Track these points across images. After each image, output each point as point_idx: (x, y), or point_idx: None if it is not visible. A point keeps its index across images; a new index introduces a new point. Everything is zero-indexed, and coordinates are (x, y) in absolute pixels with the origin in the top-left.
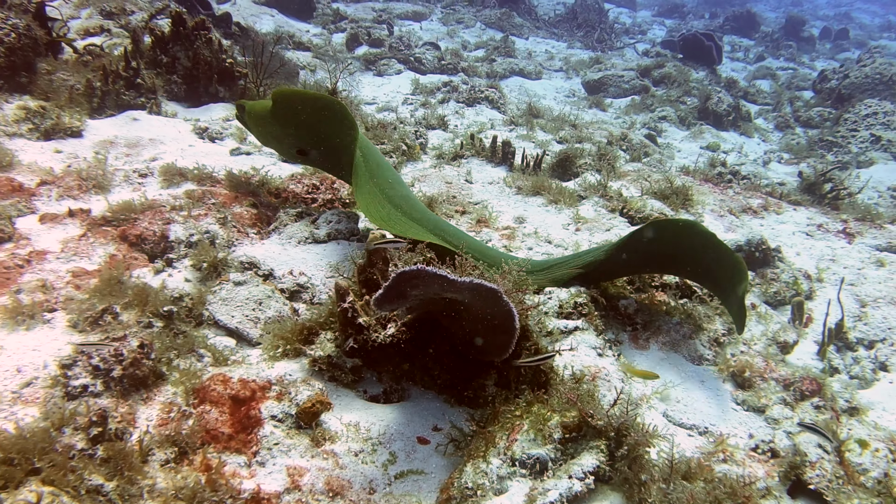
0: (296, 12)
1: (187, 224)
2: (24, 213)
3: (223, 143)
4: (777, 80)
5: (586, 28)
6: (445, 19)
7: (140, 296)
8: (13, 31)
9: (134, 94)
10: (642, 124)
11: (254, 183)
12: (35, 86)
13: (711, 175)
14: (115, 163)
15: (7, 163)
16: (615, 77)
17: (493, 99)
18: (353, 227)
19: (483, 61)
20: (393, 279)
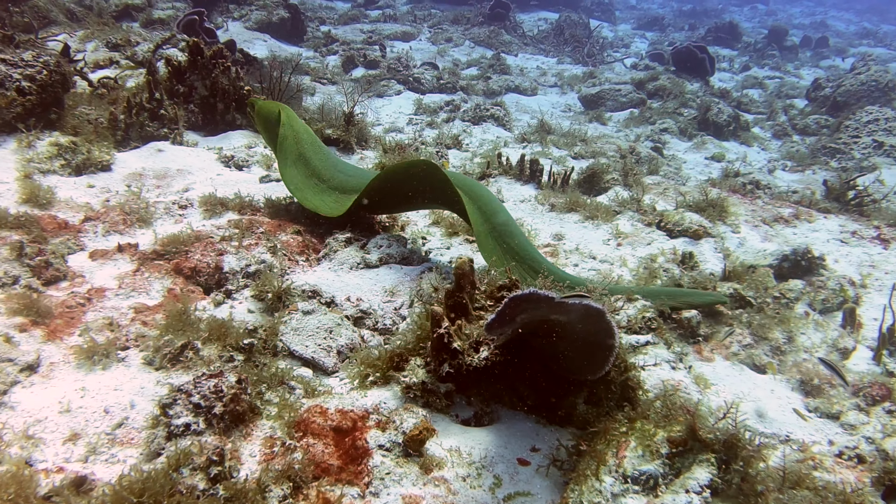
0: (286, 36)
1: (240, 254)
2: (73, 250)
3: (251, 171)
4: (766, 89)
5: (574, 43)
6: (434, 38)
7: (218, 330)
8: (44, 69)
9: (157, 126)
10: (645, 137)
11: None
12: (64, 121)
13: (738, 186)
14: (149, 195)
15: (47, 200)
16: (612, 91)
17: (499, 116)
18: (403, 250)
19: (478, 79)
20: (506, 304)
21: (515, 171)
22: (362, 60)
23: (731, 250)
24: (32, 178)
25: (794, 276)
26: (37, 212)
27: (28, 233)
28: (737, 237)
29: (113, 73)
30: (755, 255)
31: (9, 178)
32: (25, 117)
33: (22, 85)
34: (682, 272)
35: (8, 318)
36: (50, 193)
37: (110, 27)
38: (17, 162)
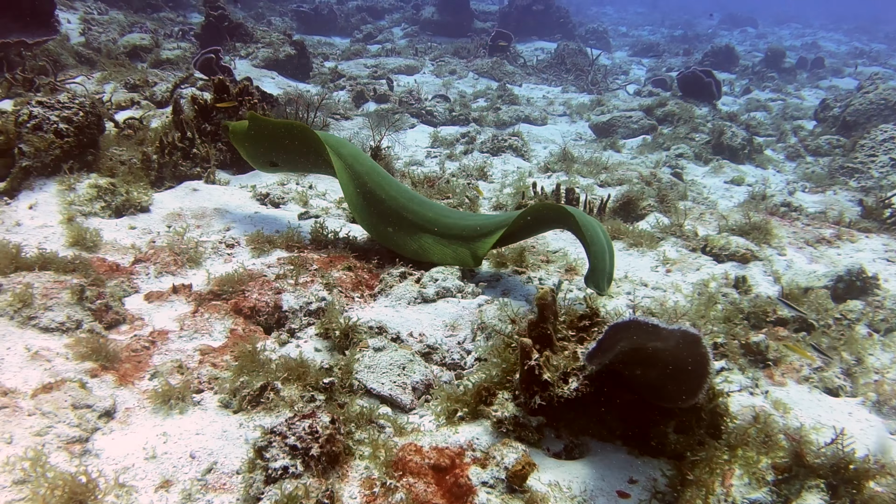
0: (293, 73)
1: (297, 293)
2: (128, 292)
3: (287, 208)
4: (770, 111)
5: (576, 72)
6: (438, 71)
7: (297, 370)
8: (80, 110)
9: (190, 165)
10: (662, 163)
11: (340, 245)
12: (100, 163)
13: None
14: (193, 234)
15: (94, 243)
16: (623, 118)
17: (517, 147)
18: (459, 283)
19: (488, 110)
20: (607, 333)
21: (552, 201)
22: (372, 95)
23: (781, 272)
24: (75, 220)
25: (850, 296)
26: (86, 255)
27: (85, 276)
28: (783, 259)
29: (135, 113)
30: (807, 277)
31: (52, 222)
32: (64, 159)
33: (59, 127)
34: (741, 296)
35: (78, 364)
36: (96, 236)
37: (127, 68)
38: (59, 205)
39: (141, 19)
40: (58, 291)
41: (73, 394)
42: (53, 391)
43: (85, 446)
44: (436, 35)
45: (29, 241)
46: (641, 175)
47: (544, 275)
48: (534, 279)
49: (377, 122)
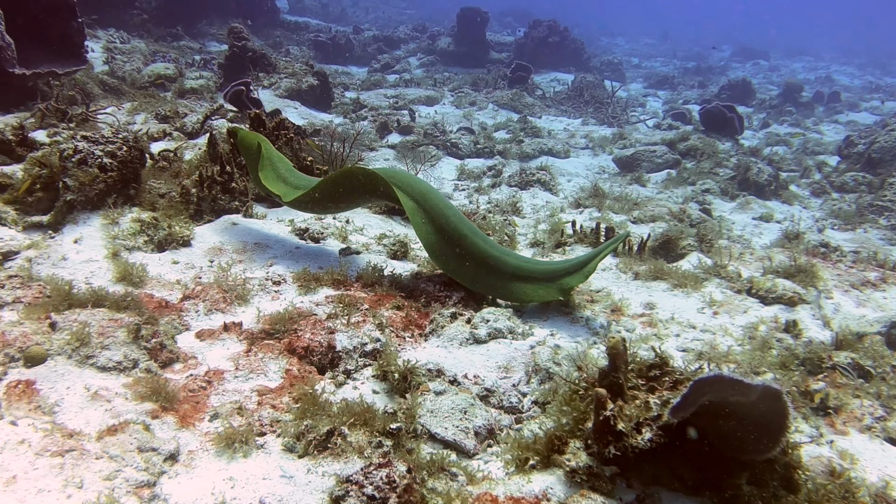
0: (315, 103)
1: (350, 333)
2: (179, 330)
3: (327, 244)
4: (791, 146)
5: (595, 104)
6: (458, 102)
7: (363, 415)
8: (124, 145)
9: (228, 199)
10: (690, 198)
11: (385, 283)
12: (141, 197)
13: (815, 249)
14: (236, 270)
15: (140, 279)
16: (647, 152)
17: (545, 181)
18: (510, 324)
19: (511, 142)
20: (692, 387)
21: (592, 239)
22: (396, 126)
23: (830, 317)
24: (120, 255)
25: None
26: (134, 291)
27: (138, 314)
28: (831, 303)
29: (168, 144)
30: (858, 322)
31: (98, 256)
32: (108, 194)
33: (104, 162)
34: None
35: (138, 404)
36: (142, 272)
37: (156, 99)
38: (104, 239)
39: (162, 48)
40: (113, 330)
41: (137, 436)
42: (118, 433)
43: (153, 490)
44: (451, 65)
45: (76, 275)
46: (671, 211)
47: (590, 314)
48: (580, 319)
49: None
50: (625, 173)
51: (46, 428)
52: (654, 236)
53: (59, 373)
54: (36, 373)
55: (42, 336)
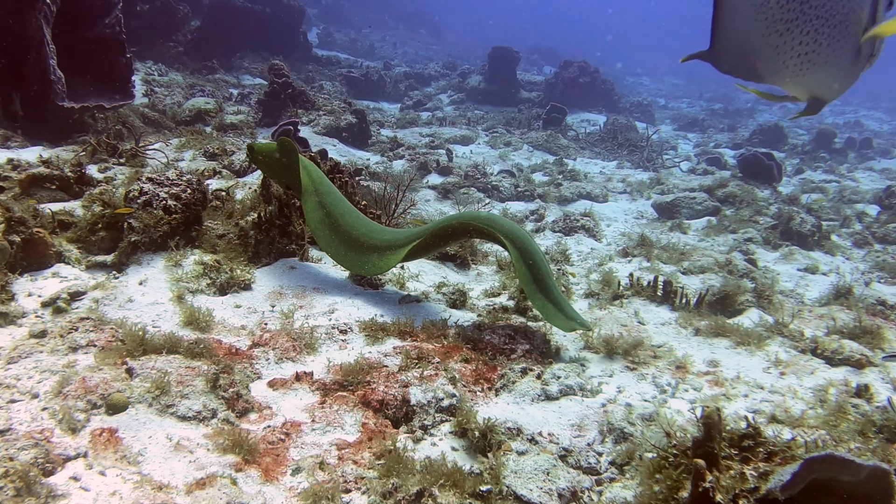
0: (353, 141)
1: (424, 387)
2: (251, 378)
3: (385, 290)
4: (827, 193)
5: (629, 147)
6: (493, 142)
7: (453, 476)
8: (188, 187)
9: (286, 242)
10: (734, 248)
11: (451, 334)
12: (203, 239)
13: (872, 308)
14: (298, 315)
15: (206, 324)
16: (687, 199)
17: (589, 227)
18: (580, 381)
19: (549, 185)
20: (802, 466)
21: (649, 292)
22: (435, 167)
23: None
24: (185, 298)
25: None
26: (203, 336)
27: (214, 363)
28: None
29: (217, 183)
30: None
31: (163, 299)
32: (171, 236)
33: (168, 204)
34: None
35: (221, 456)
36: (209, 317)
37: (203, 135)
38: (167, 281)
39: (199, 81)
40: (191, 379)
41: (226, 491)
42: (207, 488)
43: None
44: (482, 103)
45: (143, 318)
46: (717, 261)
47: (655, 371)
48: (646, 375)
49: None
50: (664, 219)
51: (135, 479)
52: (712, 291)
53: (141, 421)
54: (118, 421)
55: (121, 383)
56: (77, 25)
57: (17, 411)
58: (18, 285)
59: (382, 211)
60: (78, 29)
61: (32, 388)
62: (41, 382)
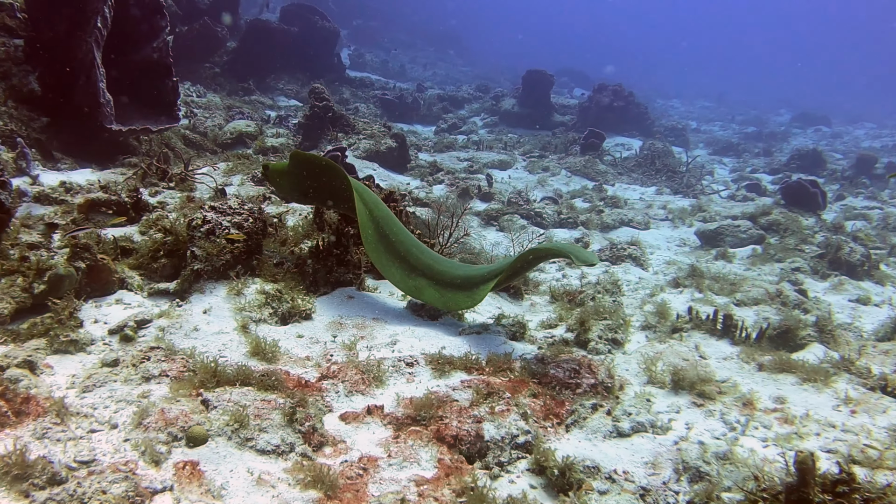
0: (393, 165)
1: (497, 422)
2: (323, 411)
3: (444, 321)
4: (870, 220)
5: (667, 172)
6: (531, 167)
7: None
8: (250, 216)
9: (343, 271)
10: (782, 277)
11: (516, 369)
12: (263, 268)
13: None
14: (360, 346)
15: (273, 354)
16: (731, 227)
17: (636, 256)
18: (651, 418)
19: (591, 211)
20: None
21: (708, 326)
22: (477, 192)
23: None
24: (249, 328)
25: None
26: (273, 367)
27: (289, 396)
28: None
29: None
30: None
31: (228, 328)
32: (233, 265)
33: (231, 233)
34: None
35: (303, 492)
36: (275, 347)
37: (249, 160)
38: (231, 310)
39: (236, 103)
40: (268, 412)
41: None
42: None
43: None
44: (515, 126)
45: (210, 348)
46: (768, 292)
47: (722, 408)
48: (714, 412)
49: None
50: (708, 247)
51: None
52: (772, 325)
53: (222, 454)
54: (199, 454)
55: (200, 415)
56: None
57: (99, 441)
58: (84, 312)
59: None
60: (125, 52)
61: (110, 417)
62: (118, 412)
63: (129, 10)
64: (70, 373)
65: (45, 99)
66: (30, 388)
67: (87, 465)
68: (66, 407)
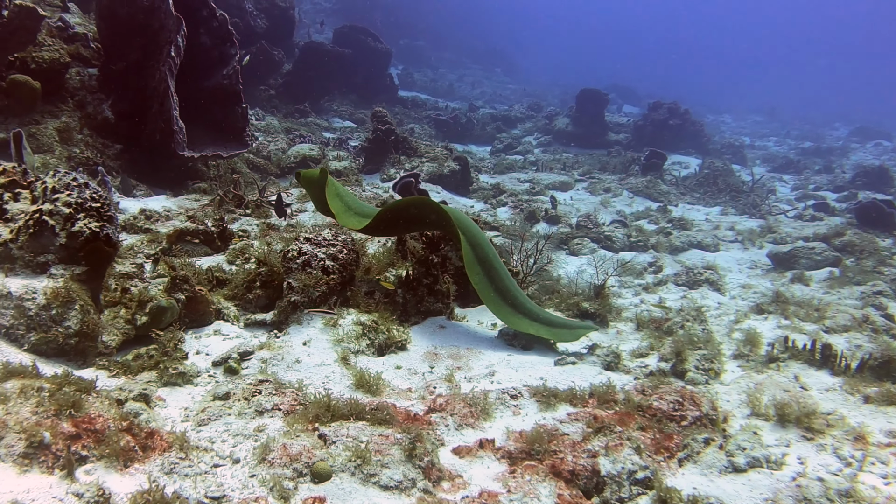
0: (455, 188)
1: (612, 457)
2: (436, 445)
3: (536, 350)
4: None
5: (730, 192)
6: (592, 188)
7: None
8: (344, 248)
9: (433, 300)
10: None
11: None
12: (356, 299)
13: None
14: (458, 378)
15: (376, 387)
16: (805, 249)
17: (713, 281)
18: (766, 453)
19: (658, 234)
20: None
21: (806, 356)
22: (543, 216)
23: None
24: (350, 360)
25: None
26: (374, 399)
27: (407, 431)
28: None
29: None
30: None
31: (329, 360)
32: (329, 296)
33: (326, 264)
34: None
35: None
36: (378, 380)
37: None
38: (329, 342)
39: (293, 125)
40: (388, 447)
41: None
42: None
43: None
44: (568, 145)
45: (313, 380)
46: (854, 318)
47: (833, 442)
48: (826, 447)
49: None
50: (781, 270)
51: None
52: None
53: (347, 490)
54: (325, 490)
55: (321, 451)
56: (195, 75)
57: (225, 476)
58: (185, 343)
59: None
60: (195, 79)
61: (231, 452)
62: (237, 446)
63: (200, 39)
64: (182, 405)
65: (118, 126)
66: (149, 422)
67: (219, 502)
68: (188, 441)
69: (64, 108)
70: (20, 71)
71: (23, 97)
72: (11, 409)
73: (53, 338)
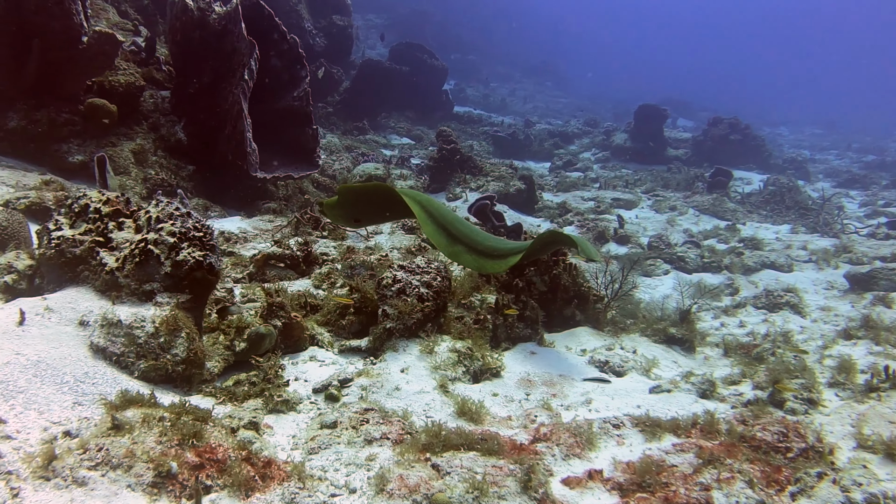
0: (521, 206)
1: (726, 490)
2: (545, 475)
3: (633, 378)
4: None
5: (798, 209)
6: (658, 207)
7: None
8: (438, 275)
9: (523, 326)
10: None
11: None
12: (448, 325)
13: None
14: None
15: (478, 415)
16: (886, 270)
17: (794, 304)
18: (884, 489)
19: (731, 254)
20: None
21: None
22: (613, 235)
23: None
24: (448, 387)
25: None
26: (476, 427)
27: (519, 462)
28: None
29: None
30: None
31: (428, 388)
32: (423, 323)
33: (421, 291)
34: None
35: None
36: (481, 408)
37: None
38: (426, 369)
39: (353, 142)
40: (502, 479)
41: None
42: None
43: None
44: (627, 161)
45: (414, 408)
46: None
47: None
48: None
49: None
50: (859, 291)
51: None
52: None
53: None
54: None
55: (437, 482)
56: (265, 97)
57: None
58: (285, 370)
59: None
60: (266, 100)
61: (346, 482)
62: (350, 476)
63: (271, 61)
64: (288, 433)
65: (190, 147)
66: (262, 451)
67: None
68: (304, 471)
69: (138, 130)
70: (98, 95)
71: (100, 120)
72: (137, 439)
73: (162, 365)
